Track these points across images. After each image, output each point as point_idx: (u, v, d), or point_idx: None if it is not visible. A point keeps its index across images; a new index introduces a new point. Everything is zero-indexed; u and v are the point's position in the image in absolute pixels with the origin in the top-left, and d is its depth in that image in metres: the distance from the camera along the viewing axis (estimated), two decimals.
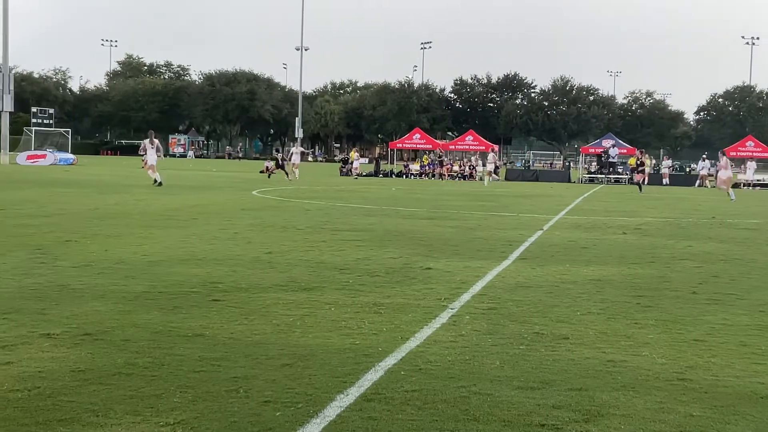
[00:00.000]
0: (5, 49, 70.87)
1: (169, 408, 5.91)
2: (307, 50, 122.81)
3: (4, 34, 70.56)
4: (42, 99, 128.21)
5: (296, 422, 5.69)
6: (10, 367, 6.84)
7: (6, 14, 70.26)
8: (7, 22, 70.53)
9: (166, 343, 7.81)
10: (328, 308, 9.75)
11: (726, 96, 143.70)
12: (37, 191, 30.97)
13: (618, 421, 5.94)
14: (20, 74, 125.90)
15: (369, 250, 15.48)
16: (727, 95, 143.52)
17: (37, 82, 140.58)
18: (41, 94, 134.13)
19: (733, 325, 9.49)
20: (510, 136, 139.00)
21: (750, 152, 68.49)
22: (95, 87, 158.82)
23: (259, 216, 22.48)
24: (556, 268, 13.77)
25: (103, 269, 12.23)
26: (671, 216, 27.88)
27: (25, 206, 23.42)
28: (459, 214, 25.69)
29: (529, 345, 8.18)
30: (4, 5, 69.97)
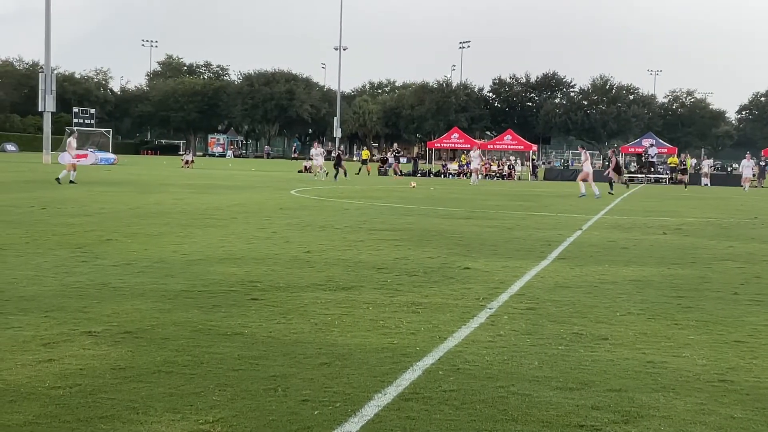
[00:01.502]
0: (47, 50, 71.68)
1: (208, 406, 5.95)
2: (346, 50, 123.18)
3: (46, 36, 71.37)
4: (83, 99, 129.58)
5: (334, 421, 5.70)
6: (52, 365, 6.92)
7: (48, 16, 71.09)
8: (49, 23, 71.35)
9: (205, 342, 7.86)
10: (366, 307, 9.76)
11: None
12: (79, 190, 31.27)
13: (658, 422, 5.89)
14: (62, 75, 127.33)
15: (407, 249, 15.47)
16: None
17: (78, 83, 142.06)
18: (83, 95, 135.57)
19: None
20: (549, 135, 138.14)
21: None
22: (136, 87, 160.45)
23: (297, 215, 22.55)
24: (596, 268, 13.68)
25: (144, 268, 12.33)
26: (712, 216, 27.60)
27: (67, 205, 23.66)
28: (497, 213, 25.60)
29: (568, 345, 8.13)
30: (47, 7, 70.78)
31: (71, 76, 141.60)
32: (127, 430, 5.42)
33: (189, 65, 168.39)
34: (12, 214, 20.53)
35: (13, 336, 7.87)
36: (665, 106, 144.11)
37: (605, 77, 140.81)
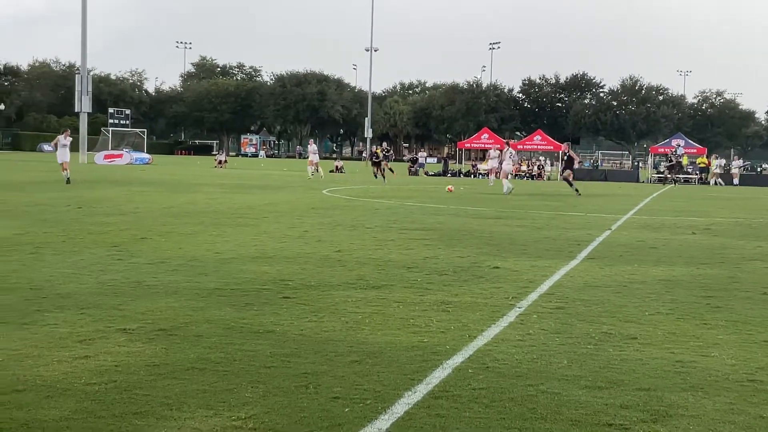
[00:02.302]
0: (84, 51, 72.32)
1: (241, 402, 5.97)
2: (377, 51, 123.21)
3: (83, 38, 71.99)
4: (119, 100, 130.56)
5: (365, 418, 5.70)
6: (87, 361, 6.97)
7: (85, 19, 71.72)
8: (85, 26, 71.99)
9: (237, 339, 7.89)
10: (397, 306, 9.76)
11: None
12: (114, 190, 31.52)
13: (687, 421, 5.85)
14: (98, 76, 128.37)
15: (437, 248, 15.45)
16: None
17: (114, 84, 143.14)
18: (118, 96, 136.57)
19: None
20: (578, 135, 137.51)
21: None
22: (170, 88, 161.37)
23: (328, 215, 22.59)
24: (625, 267, 13.60)
25: (177, 266, 12.40)
26: (741, 216, 27.36)
27: (102, 204, 23.86)
28: (527, 213, 25.52)
29: (597, 345, 8.09)
30: (83, 10, 71.39)
31: (107, 77, 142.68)
32: (161, 426, 5.45)
33: (222, 67, 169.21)
34: (49, 213, 20.72)
35: (49, 333, 7.94)
36: (695, 107, 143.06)
37: (635, 78, 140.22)
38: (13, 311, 8.88)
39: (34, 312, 8.86)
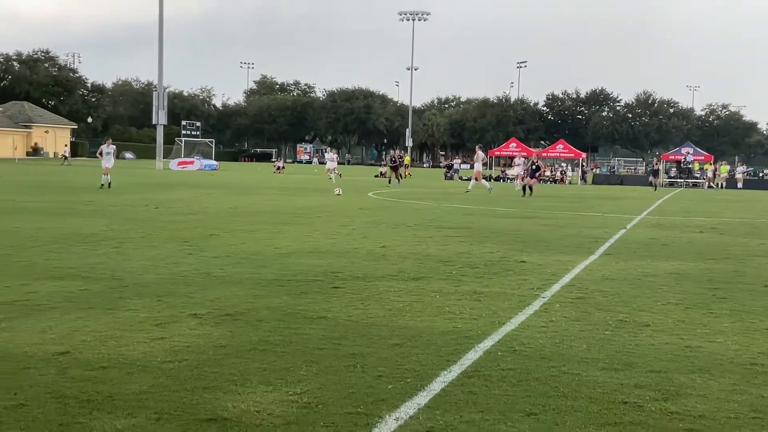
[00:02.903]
0: (160, 71, 73.07)
1: (297, 380, 6.00)
2: (417, 70, 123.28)
3: (159, 60, 72.76)
4: (190, 113, 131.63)
5: (405, 394, 5.70)
6: (163, 342, 7.05)
7: (161, 43, 72.49)
8: (161, 49, 72.74)
9: (293, 324, 7.93)
10: (434, 295, 9.75)
11: None
12: (186, 192, 31.80)
13: (694, 400, 5.79)
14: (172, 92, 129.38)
15: (470, 245, 15.41)
16: None
17: (186, 99, 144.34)
18: (190, 110, 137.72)
19: None
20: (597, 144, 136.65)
21: None
22: (235, 103, 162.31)
23: (374, 215, 22.61)
24: (639, 262, 13.47)
25: (241, 259, 12.48)
26: (745, 216, 26.97)
27: (176, 205, 24.09)
28: (550, 213, 25.35)
29: (613, 331, 8.03)
30: (160, 37, 72.16)
31: (180, 93, 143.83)
32: (227, 399, 5.50)
33: (280, 84, 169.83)
34: (130, 212, 20.97)
35: (130, 317, 8.04)
36: (702, 118, 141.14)
37: (648, 92, 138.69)
38: (100, 298, 9.01)
39: (117, 299, 8.98)
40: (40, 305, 8.53)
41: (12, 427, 4.86)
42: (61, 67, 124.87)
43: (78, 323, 7.70)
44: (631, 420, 5.32)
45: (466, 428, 5.05)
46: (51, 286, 9.66)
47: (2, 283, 9.82)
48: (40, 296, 9.03)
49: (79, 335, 7.21)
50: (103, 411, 5.19)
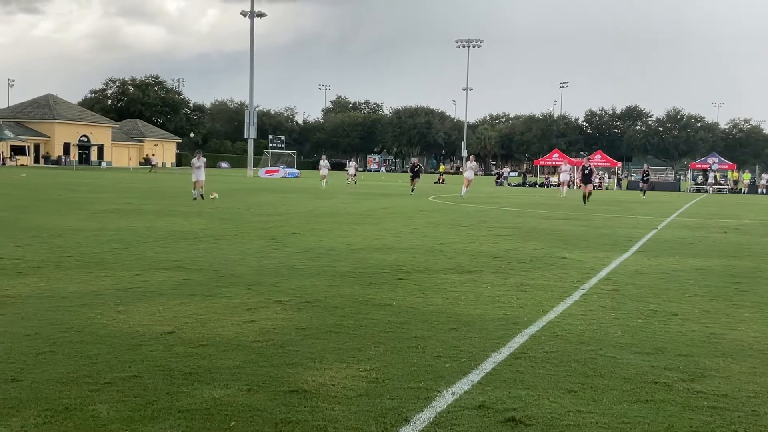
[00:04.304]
0: (251, 93, 74.13)
1: (366, 358, 6.03)
2: (471, 90, 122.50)
3: (250, 83, 73.81)
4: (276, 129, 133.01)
5: (461, 372, 5.69)
6: (253, 324, 7.15)
7: (252, 69, 73.52)
8: (252, 74, 73.78)
9: (364, 310, 7.97)
10: (485, 287, 9.70)
11: None
12: (272, 196, 32.18)
13: (718, 381, 5.65)
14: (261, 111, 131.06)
15: (517, 242, 15.28)
16: None
17: (272, 117, 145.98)
18: (275, 126, 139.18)
19: None
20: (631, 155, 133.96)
21: None
22: (314, 120, 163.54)
23: (433, 216, 22.58)
24: (668, 259, 13.19)
25: (318, 254, 12.59)
26: (764, 218, 26.18)
27: (263, 207, 24.39)
28: (588, 215, 24.97)
29: (645, 319, 7.89)
30: (251, 63, 73.18)
31: (268, 111, 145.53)
32: (306, 374, 5.55)
33: (353, 103, 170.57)
34: (225, 213, 21.31)
35: (225, 303, 8.18)
36: (726, 132, 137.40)
37: (677, 109, 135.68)
38: (200, 286, 9.18)
39: (214, 287, 9.14)
40: (150, 292, 8.73)
41: (128, 395, 4.99)
42: (168, 89, 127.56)
43: (182, 307, 7.86)
44: (661, 398, 5.22)
45: (513, 403, 5.01)
46: (160, 276, 9.88)
47: (119, 272, 10.08)
48: (151, 284, 9.25)
49: (182, 317, 7.36)
50: (203, 382, 5.29)
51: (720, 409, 5.02)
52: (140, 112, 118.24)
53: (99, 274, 9.96)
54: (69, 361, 5.75)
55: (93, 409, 4.69)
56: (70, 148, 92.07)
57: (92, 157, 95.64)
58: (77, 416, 4.57)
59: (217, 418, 4.61)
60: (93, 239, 13.99)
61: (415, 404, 4.93)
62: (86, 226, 16.38)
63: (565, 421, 4.69)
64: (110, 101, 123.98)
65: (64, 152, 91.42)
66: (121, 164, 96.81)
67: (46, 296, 8.35)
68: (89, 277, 9.65)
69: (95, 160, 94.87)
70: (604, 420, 4.74)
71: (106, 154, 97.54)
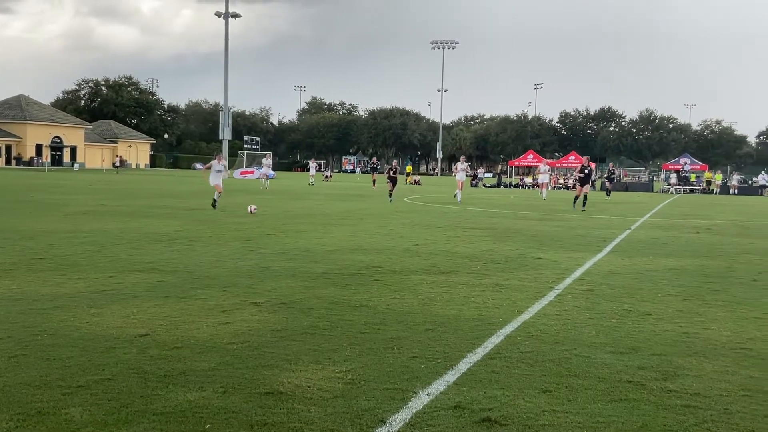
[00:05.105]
0: (226, 94, 73.77)
1: (342, 359, 6.03)
2: (446, 91, 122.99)
3: (225, 84, 73.44)
4: (251, 130, 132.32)
5: (437, 373, 5.70)
6: (228, 326, 7.12)
7: (227, 70, 73.16)
8: (227, 75, 73.41)
9: (340, 311, 7.96)
10: (461, 287, 9.73)
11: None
12: (247, 197, 32.00)
13: (691, 380, 5.71)
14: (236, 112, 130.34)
15: (492, 243, 15.34)
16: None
17: (247, 118, 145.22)
18: (250, 127, 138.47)
19: None
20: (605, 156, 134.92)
21: None
22: (289, 121, 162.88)
23: (408, 217, 22.60)
24: (642, 259, 13.32)
25: (294, 256, 12.55)
26: (737, 219, 26.53)
27: (239, 209, 24.26)
28: (563, 216, 25.15)
29: (619, 319, 7.96)
30: (225, 64, 72.83)
31: (242, 112, 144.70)
32: (282, 376, 5.54)
33: (328, 104, 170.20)
34: (200, 215, 21.18)
35: (200, 305, 8.13)
36: (698, 133, 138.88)
37: (650, 110, 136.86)
38: (174, 288, 9.11)
39: (189, 289, 9.08)
40: (124, 294, 8.65)
41: (101, 399, 4.94)
42: (142, 90, 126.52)
43: (156, 309, 7.80)
44: (635, 397, 5.27)
45: (488, 403, 5.03)
46: (134, 278, 9.79)
47: (93, 274, 9.98)
48: (124, 286, 9.17)
49: (157, 320, 7.31)
50: (178, 385, 5.26)
51: (693, 407, 5.08)
52: (114, 113, 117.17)
53: (72, 276, 9.86)
54: (42, 365, 5.69)
55: (66, 413, 4.64)
56: (42, 150, 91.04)
57: (65, 158, 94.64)
58: (50, 420, 4.52)
59: (192, 420, 4.58)
60: (66, 241, 13.84)
61: (391, 405, 4.93)
62: (59, 228, 16.20)
63: (540, 421, 4.72)
64: (83, 102, 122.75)
65: (36, 154, 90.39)
66: (95, 165, 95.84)
67: (17, 299, 8.25)
68: (62, 280, 9.54)
69: (68, 161, 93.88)
70: (578, 419, 4.77)
71: (79, 155, 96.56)
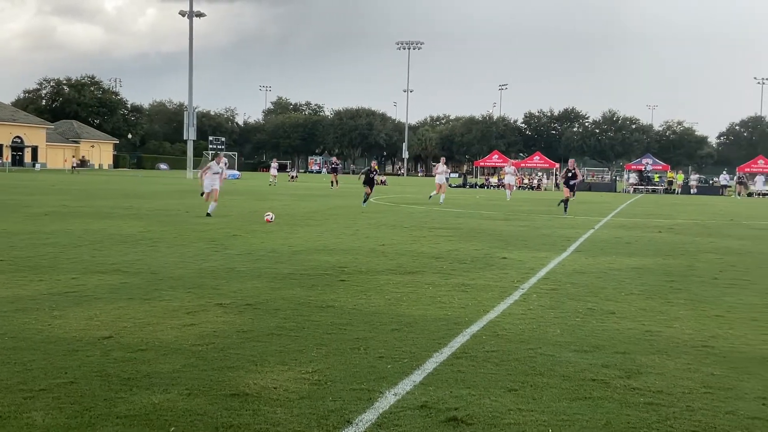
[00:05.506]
0: (190, 93, 73.06)
1: (308, 360, 6.00)
2: (412, 92, 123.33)
3: (189, 84, 72.76)
4: (216, 130, 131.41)
5: (403, 373, 5.71)
6: (193, 328, 7.05)
7: (191, 69, 72.51)
8: (191, 74, 72.76)
9: (306, 312, 7.93)
10: (427, 287, 9.75)
11: (741, 124, 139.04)
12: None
13: (654, 378, 5.79)
14: (201, 112, 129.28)
15: (458, 243, 15.41)
16: (742, 123, 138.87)
17: (213, 118, 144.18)
18: (215, 127, 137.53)
19: (746, 304, 9.15)
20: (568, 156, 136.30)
21: (760, 168, 66.44)
22: (254, 121, 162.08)
23: (374, 217, 22.60)
24: (605, 258, 13.47)
25: (260, 256, 12.48)
26: (698, 218, 26.97)
27: (204, 209, 24.04)
28: (528, 216, 25.35)
29: (583, 318, 8.03)
30: (190, 62, 72.16)
31: (207, 112, 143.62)
32: (248, 377, 5.50)
33: (294, 104, 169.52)
34: (164, 215, 20.97)
35: (165, 306, 8.04)
36: (660, 133, 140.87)
37: (613, 111, 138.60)
38: (138, 290, 9.01)
39: (153, 290, 8.98)
40: (87, 296, 8.53)
41: (64, 402, 4.86)
42: (105, 90, 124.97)
43: (120, 311, 7.70)
44: (599, 395, 5.32)
45: (455, 402, 5.05)
46: (97, 280, 9.66)
47: (55, 276, 9.83)
48: (87, 288, 9.04)
49: (120, 322, 7.22)
50: (142, 387, 5.19)
51: (656, 405, 5.15)
52: (76, 113, 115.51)
53: (34, 278, 9.69)
54: (2, 368, 5.58)
55: (28, 417, 4.56)
56: (2, 150, 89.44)
57: (26, 158, 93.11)
58: (11, 424, 4.43)
59: (156, 423, 4.52)
60: (27, 243, 13.60)
61: (358, 405, 4.92)
62: (20, 230, 15.92)
63: (506, 420, 4.75)
64: (45, 101, 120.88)
65: None
66: (56, 166, 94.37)
67: None
68: (23, 282, 9.38)
69: (29, 161, 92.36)
70: (543, 418, 4.81)
71: (41, 155, 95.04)
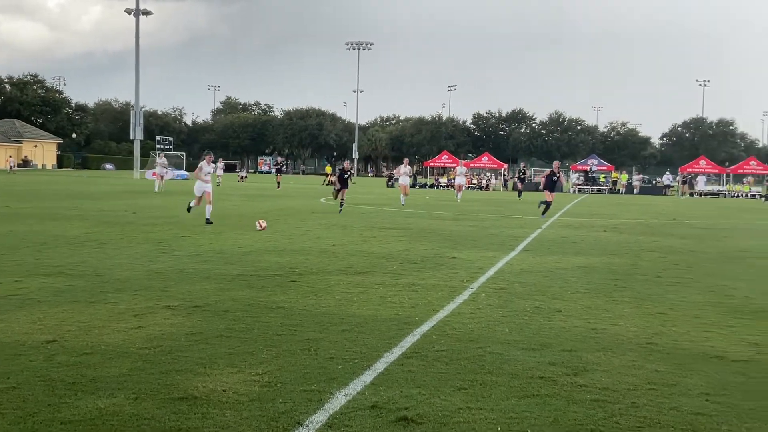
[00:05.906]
0: (137, 92, 71.89)
1: (258, 362, 5.96)
2: (362, 92, 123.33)
3: (136, 83, 71.57)
4: (164, 130, 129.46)
5: (353, 373, 5.70)
6: (140, 330, 6.94)
7: (137, 68, 71.33)
8: (138, 73, 71.57)
9: (255, 313, 7.87)
10: (378, 287, 9.76)
11: (684, 125, 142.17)
12: (160, 199, 31.32)
13: (600, 375, 5.88)
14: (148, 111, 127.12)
15: (408, 243, 15.46)
16: (685, 125, 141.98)
17: (160, 117, 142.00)
18: (163, 126, 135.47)
19: (689, 302, 9.37)
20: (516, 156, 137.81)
21: (702, 169, 68.17)
22: (203, 121, 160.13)
23: (325, 218, 22.55)
24: (552, 257, 13.66)
25: (209, 257, 12.35)
26: (641, 218, 27.52)
27: (151, 210, 23.71)
28: (477, 216, 25.56)
29: (531, 316, 8.13)
30: (136, 62, 71.00)
31: (155, 112, 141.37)
32: (197, 380, 5.43)
33: (243, 104, 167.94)
34: (110, 216, 20.59)
35: (111, 309, 7.90)
36: (605, 134, 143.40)
37: (559, 112, 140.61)
38: (83, 292, 8.83)
39: (98, 293, 8.81)
40: (30, 299, 8.33)
41: (6, 408, 4.73)
42: (48, 88, 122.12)
43: (64, 315, 7.54)
44: (547, 392, 5.39)
45: (405, 402, 5.06)
46: (40, 282, 9.44)
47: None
48: (31, 291, 8.83)
49: (65, 325, 7.06)
50: (87, 392, 5.09)
51: (602, 401, 5.23)
52: (18, 112, 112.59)
53: None
54: None
55: None
56: None
57: None
58: None
59: (102, 428, 4.44)
60: None
61: (308, 407, 4.90)
62: None
63: (456, 419, 4.78)
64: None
65: None
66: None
67: None
68: None
69: None
70: (492, 416, 4.85)
71: None
